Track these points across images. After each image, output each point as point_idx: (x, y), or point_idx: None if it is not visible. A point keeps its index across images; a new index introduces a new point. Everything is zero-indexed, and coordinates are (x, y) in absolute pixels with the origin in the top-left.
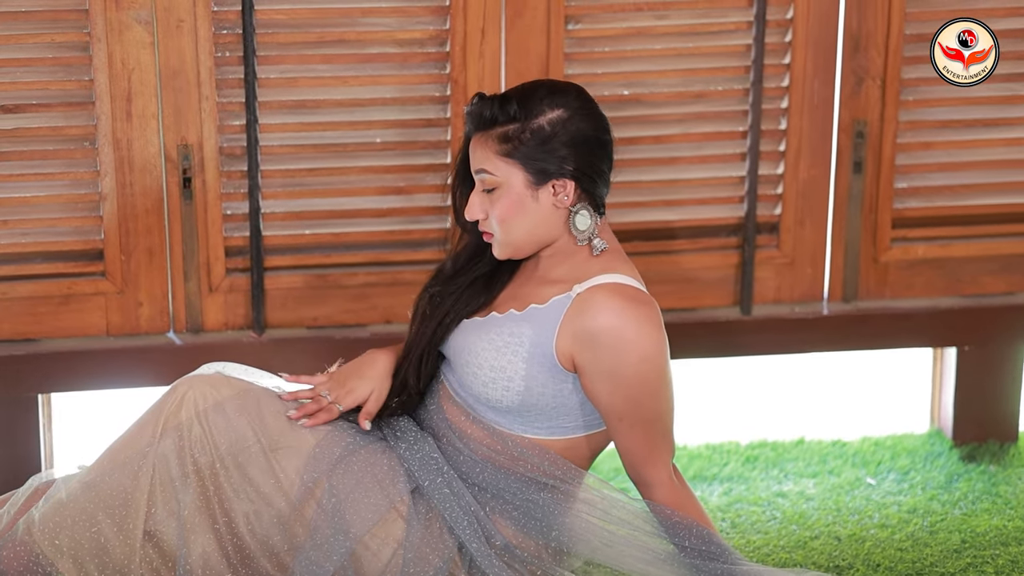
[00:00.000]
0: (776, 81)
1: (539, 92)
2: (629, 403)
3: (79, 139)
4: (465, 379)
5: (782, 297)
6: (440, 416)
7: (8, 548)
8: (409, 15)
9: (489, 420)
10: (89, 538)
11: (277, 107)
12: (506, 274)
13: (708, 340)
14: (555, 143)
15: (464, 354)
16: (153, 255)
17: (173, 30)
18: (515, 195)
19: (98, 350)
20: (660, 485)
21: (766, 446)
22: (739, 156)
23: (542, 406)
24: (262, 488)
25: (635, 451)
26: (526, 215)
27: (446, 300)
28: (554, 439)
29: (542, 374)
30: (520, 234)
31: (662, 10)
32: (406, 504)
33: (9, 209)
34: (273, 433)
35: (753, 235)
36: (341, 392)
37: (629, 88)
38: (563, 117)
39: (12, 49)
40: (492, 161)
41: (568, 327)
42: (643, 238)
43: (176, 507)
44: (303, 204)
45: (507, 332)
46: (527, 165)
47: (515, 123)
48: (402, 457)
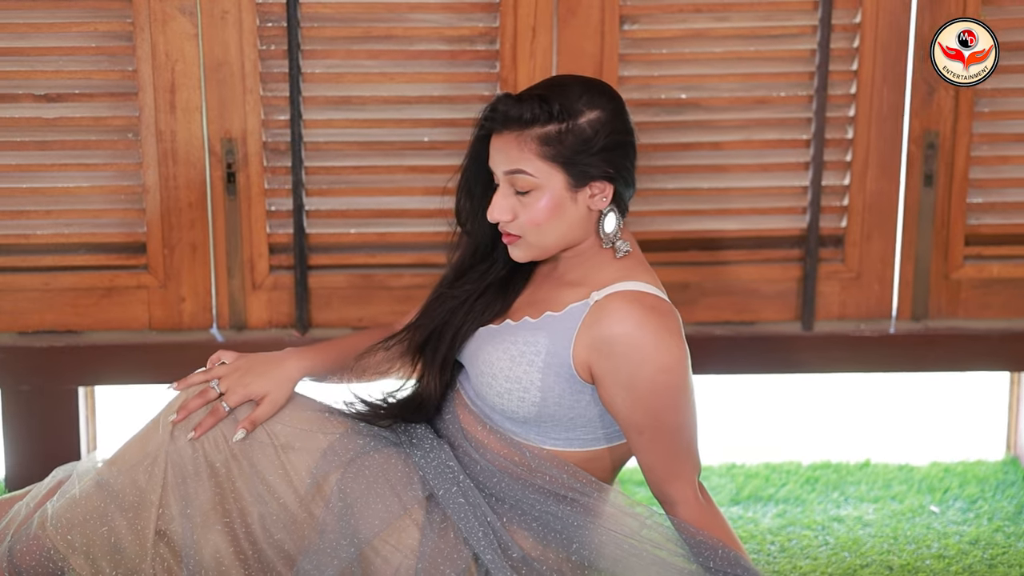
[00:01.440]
0: (843, 88)
1: (574, 91)
2: (648, 416)
3: (122, 130)
4: (480, 389)
5: (847, 313)
6: (456, 425)
7: (22, 543)
8: (458, 11)
9: (506, 430)
10: (101, 535)
11: (323, 102)
12: (521, 280)
13: (767, 356)
14: (596, 145)
15: (479, 363)
16: (196, 250)
17: (217, 21)
18: (554, 197)
19: (139, 344)
20: (684, 503)
21: (828, 467)
22: (802, 165)
23: (559, 417)
24: (275, 489)
25: (657, 467)
26: (563, 218)
27: (459, 307)
28: (573, 451)
29: (559, 384)
30: (554, 237)
31: (723, 12)
32: (420, 511)
33: (52, 199)
34: (286, 433)
35: (816, 248)
36: (235, 384)
37: (687, 92)
38: (602, 118)
39: (55, 37)
40: (532, 162)
41: (585, 335)
42: (699, 247)
43: (188, 509)
44: (348, 202)
45: (522, 341)
46: (569, 167)
47: (557, 124)
48: (417, 465)
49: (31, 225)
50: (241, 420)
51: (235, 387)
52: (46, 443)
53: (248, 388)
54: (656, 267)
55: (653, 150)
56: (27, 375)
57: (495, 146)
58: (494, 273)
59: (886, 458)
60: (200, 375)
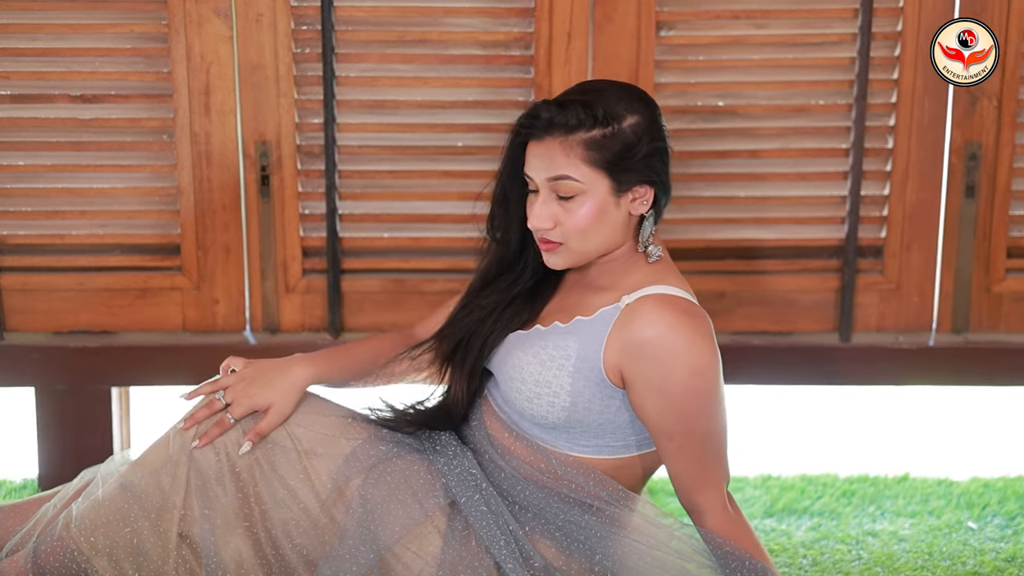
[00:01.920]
0: (883, 97)
1: (613, 95)
2: (679, 421)
3: (157, 131)
4: (509, 394)
5: (886, 325)
6: (482, 432)
7: (47, 544)
8: (493, 16)
9: (534, 437)
10: (125, 537)
11: (356, 106)
12: (549, 287)
13: (804, 366)
14: (639, 150)
15: (508, 369)
16: (230, 252)
17: (252, 24)
18: (598, 203)
19: (173, 346)
20: (712, 512)
21: (866, 481)
22: (841, 175)
23: (588, 422)
24: (297, 494)
25: (686, 474)
26: (606, 223)
27: (487, 316)
28: (602, 458)
29: (588, 389)
30: (596, 243)
31: (761, 18)
32: (443, 518)
33: (87, 200)
34: (308, 438)
35: (854, 258)
36: (240, 395)
37: (724, 99)
38: (642, 123)
39: (91, 38)
40: (578, 168)
41: (616, 339)
42: (735, 256)
43: (207, 510)
44: (382, 207)
45: (552, 345)
46: (613, 172)
47: (601, 129)
48: (440, 471)
49: (66, 225)
50: (247, 432)
51: (240, 398)
52: (79, 443)
53: (253, 399)
54: (692, 276)
55: (689, 158)
56: (61, 375)
57: (535, 152)
58: (522, 283)
59: (925, 472)
60: (208, 385)
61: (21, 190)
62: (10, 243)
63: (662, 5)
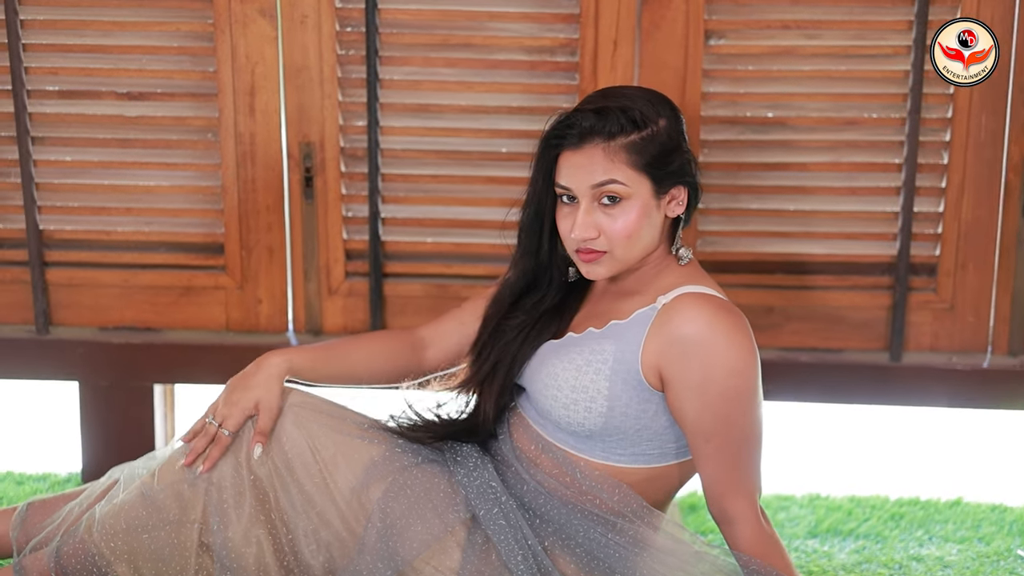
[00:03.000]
0: (938, 112)
1: (641, 99)
2: (718, 421)
3: (202, 130)
4: (544, 404)
5: (939, 345)
6: (508, 444)
7: (70, 544)
8: (539, 21)
9: (568, 447)
10: (144, 544)
11: (400, 109)
12: (576, 300)
13: (853, 385)
14: (674, 152)
15: (543, 377)
16: (273, 253)
17: (297, 25)
18: (642, 206)
19: (216, 345)
20: (744, 521)
21: (916, 504)
22: (893, 190)
23: (625, 428)
24: (318, 504)
25: (720, 479)
26: (650, 226)
27: (515, 338)
28: (638, 467)
29: (626, 393)
30: (639, 248)
31: (813, 29)
32: (463, 531)
33: (133, 197)
34: (329, 448)
35: (906, 276)
36: (227, 410)
37: (773, 110)
38: (673, 126)
39: (139, 36)
40: (623, 171)
41: (654, 338)
42: (784, 271)
43: (222, 523)
44: (424, 211)
45: (588, 350)
46: (654, 174)
47: (638, 132)
48: (460, 483)
49: (112, 221)
50: (252, 436)
51: (228, 412)
52: (122, 438)
53: (239, 405)
54: (740, 289)
55: (738, 169)
56: (105, 371)
57: (572, 162)
58: (548, 300)
59: (979, 497)
60: (199, 421)
61: (68, 185)
62: (57, 238)
63: (711, 13)
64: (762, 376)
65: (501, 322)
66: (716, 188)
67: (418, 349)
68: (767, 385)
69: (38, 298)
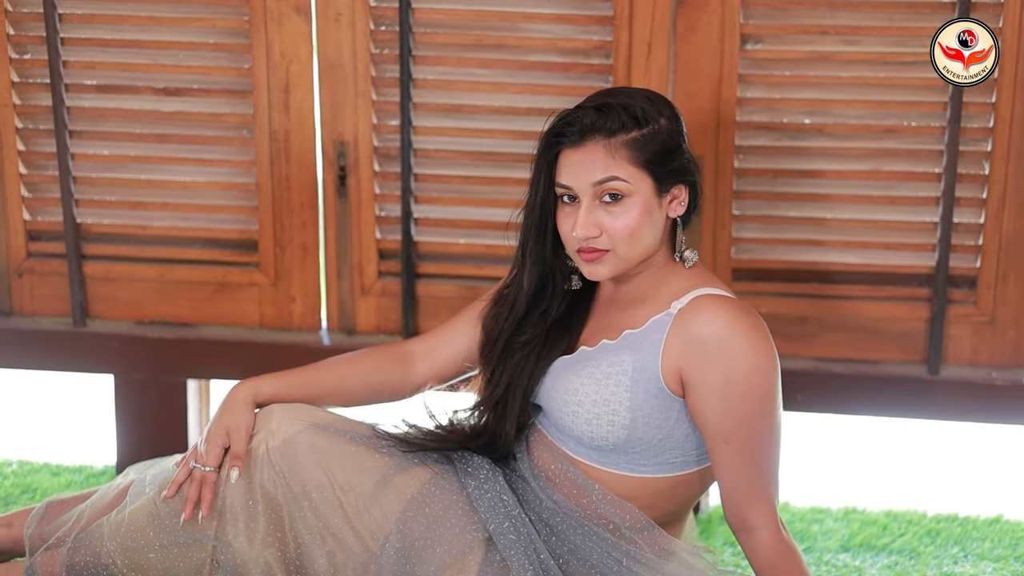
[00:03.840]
0: (980, 121)
1: (643, 98)
2: (739, 422)
3: (237, 127)
4: (565, 421)
5: (979, 360)
6: (526, 463)
7: (83, 552)
8: (573, 23)
9: (592, 462)
10: (154, 562)
11: (433, 109)
12: (582, 311)
13: (889, 398)
14: (675, 150)
15: (561, 395)
16: (307, 251)
17: (331, 23)
18: (644, 204)
19: (250, 342)
20: (765, 528)
21: (954, 521)
22: (933, 200)
23: (649, 439)
24: (334, 527)
25: (739, 485)
26: (652, 225)
27: (527, 356)
28: (663, 476)
29: (647, 402)
30: (642, 247)
31: (852, 35)
32: (480, 552)
33: (169, 192)
34: (343, 472)
35: (944, 288)
36: (204, 447)
37: (811, 117)
38: (674, 126)
39: (176, 32)
40: (624, 168)
41: (674, 343)
42: (820, 280)
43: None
44: (457, 212)
45: (606, 363)
46: (655, 172)
47: (640, 130)
48: (471, 496)
49: (148, 216)
50: (228, 463)
51: (206, 451)
52: (156, 432)
53: (212, 441)
54: (774, 298)
55: (774, 176)
56: (140, 365)
57: (572, 160)
58: (553, 311)
59: (1020, 515)
60: (182, 471)
61: (105, 179)
62: (94, 231)
63: (748, 18)
64: (795, 386)
65: (509, 339)
66: (752, 195)
67: (407, 364)
68: (800, 395)
69: (75, 291)
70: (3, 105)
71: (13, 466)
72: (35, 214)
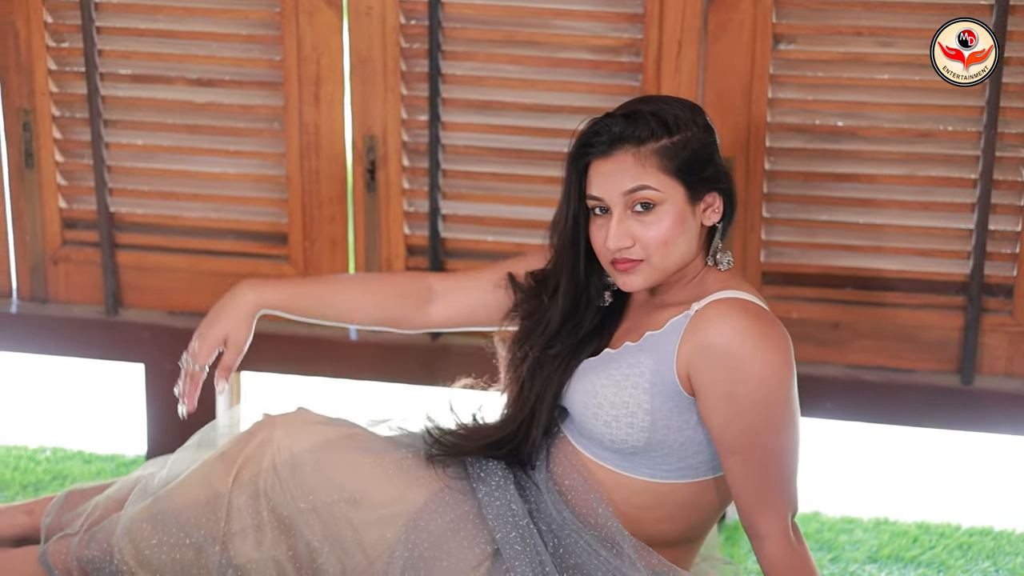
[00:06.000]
0: (1017, 127)
1: (674, 106)
2: (743, 434)
3: (268, 119)
4: (586, 423)
5: (1014, 370)
6: (543, 474)
7: (95, 547)
8: (604, 20)
9: (614, 466)
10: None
11: (463, 105)
12: (616, 318)
13: (921, 408)
14: (706, 157)
15: (583, 396)
16: (336, 245)
17: (362, 16)
18: (677, 212)
19: (279, 335)
20: (772, 539)
21: (988, 534)
22: (968, 207)
23: (669, 442)
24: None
25: (746, 494)
26: (686, 234)
27: (557, 368)
28: (684, 482)
29: (666, 405)
30: (677, 256)
31: (886, 36)
32: (487, 564)
33: (201, 183)
34: (351, 488)
35: (979, 296)
36: (195, 343)
37: (844, 119)
38: (706, 136)
39: (208, 22)
40: (656, 176)
41: (686, 346)
42: (853, 285)
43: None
44: (486, 209)
45: (626, 365)
46: (687, 180)
47: (669, 138)
48: (481, 502)
49: (181, 207)
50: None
51: (198, 348)
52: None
53: (207, 338)
54: (806, 303)
55: (806, 179)
56: (171, 354)
57: (602, 170)
58: (587, 324)
59: None
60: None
61: (139, 169)
62: (128, 220)
63: (781, 17)
64: (825, 393)
65: (541, 353)
66: (783, 198)
67: (423, 300)
68: (829, 403)
69: (108, 280)
70: (40, 93)
71: (47, 453)
72: (71, 202)
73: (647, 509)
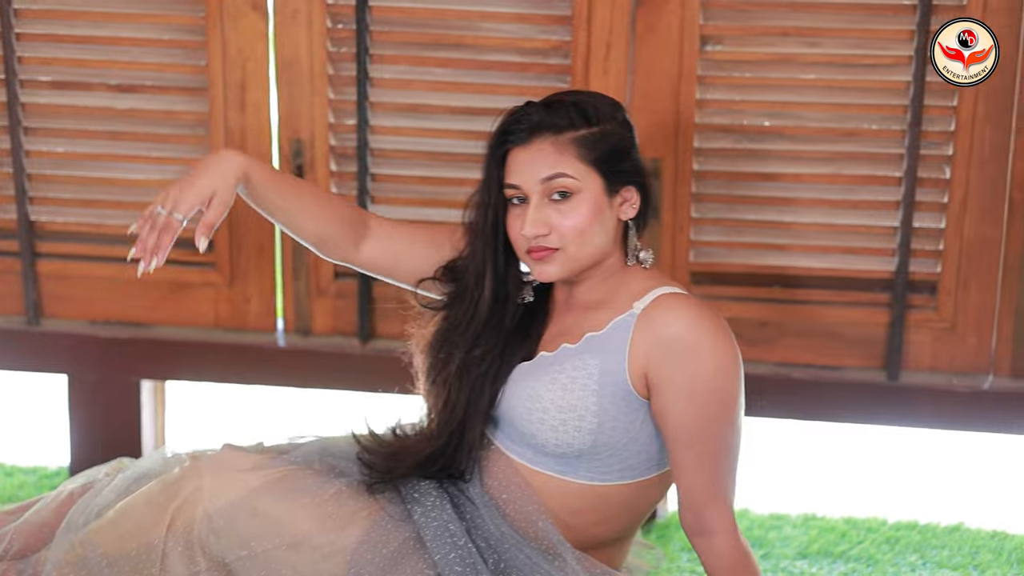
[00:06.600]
0: (941, 124)
1: (593, 99)
2: (702, 426)
3: (192, 125)
4: (529, 429)
5: (939, 366)
6: (477, 488)
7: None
8: (532, 22)
9: (552, 472)
10: None
11: (391, 109)
12: (540, 318)
13: (848, 404)
14: (624, 151)
15: (525, 401)
16: (263, 251)
17: (288, 20)
18: (594, 202)
19: (205, 342)
20: (724, 532)
21: (914, 528)
22: (893, 204)
23: (614, 443)
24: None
25: (699, 488)
26: (602, 224)
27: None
28: (623, 483)
29: (614, 405)
30: (593, 247)
31: (812, 36)
32: None
33: (124, 190)
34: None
35: (904, 293)
36: (179, 194)
37: (771, 119)
38: (625, 130)
39: (130, 28)
40: (573, 165)
41: (639, 344)
42: (780, 284)
43: None
44: (415, 213)
45: (570, 367)
46: (605, 171)
47: (589, 128)
48: (416, 523)
49: (103, 215)
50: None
51: (181, 196)
52: (109, 433)
53: (194, 190)
54: (733, 302)
55: (733, 179)
56: (93, 364)
57: (521, 159)
58: (508, 322)
59: (981, 523)
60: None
61: (59, 177)
62: (48, 229)
63: (708, 19)
64: (755, 391)
65: (464, 358)
66: (712, 198)
67: (359, 233)
68: (760, 400)
69: (28, 289)
70: None
71: None
72: None
73: (582, 513)
